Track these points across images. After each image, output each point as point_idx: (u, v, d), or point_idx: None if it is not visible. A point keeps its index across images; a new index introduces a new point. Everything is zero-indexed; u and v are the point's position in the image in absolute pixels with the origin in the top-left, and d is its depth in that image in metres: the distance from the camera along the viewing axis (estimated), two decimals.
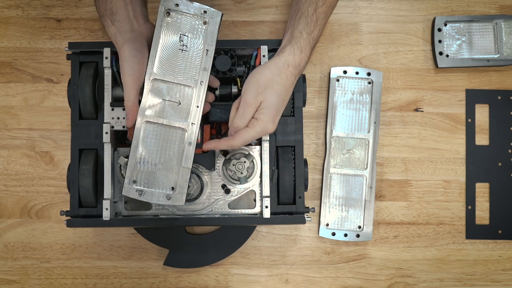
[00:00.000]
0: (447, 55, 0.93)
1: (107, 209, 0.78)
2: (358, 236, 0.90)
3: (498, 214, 0.92)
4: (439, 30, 0.93)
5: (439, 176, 0.93)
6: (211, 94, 0.80)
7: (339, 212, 0.91)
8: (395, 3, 0.95)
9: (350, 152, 0.91)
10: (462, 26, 0.93)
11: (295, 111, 0.82)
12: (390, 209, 0.92)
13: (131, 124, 0.75)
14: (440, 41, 0.93)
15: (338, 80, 0.92)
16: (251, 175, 0.82)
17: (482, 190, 0.93)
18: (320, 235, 0.91)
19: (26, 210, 0.91)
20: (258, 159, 0.82)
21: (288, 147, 0.82)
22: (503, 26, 0.93)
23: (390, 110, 0.93)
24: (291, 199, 0.82)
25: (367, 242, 0.91)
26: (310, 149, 0.92)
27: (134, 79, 0.73)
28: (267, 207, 0.80)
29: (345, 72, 0.92)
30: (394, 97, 0.93)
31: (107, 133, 0.79)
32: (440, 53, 0.93)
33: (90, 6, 0.93)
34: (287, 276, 0.91)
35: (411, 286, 0.91)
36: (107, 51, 0.80)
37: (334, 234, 0.90)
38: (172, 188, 0.75)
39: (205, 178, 0.82)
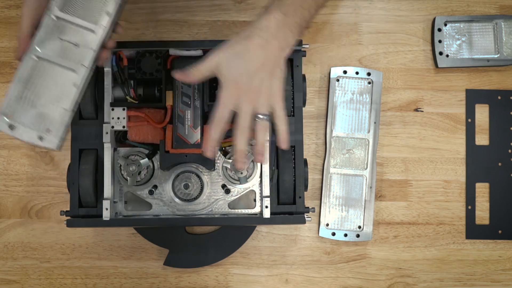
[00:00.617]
0: (447, 55, 0.93)
1: (107, 209, 0.78)
2: (358, 236, 0.90)
3: (498, 214, 0.92)
4: (439, 30, 0.93)
5: (439, 176, 0.93)
6: (112, 40, 0.75)
7: (339, 212, 0.91)
8: (395, 3, 0.95)
9: (350, 152, 0.91)
10: (462, 26, 0.93)
11: (295, 111, 0.82)
12: (390, 209, 0.92)
13: (19, 56, 0.70)
14: (440, 41, 0.93)
15: (338, 80, 0.92)
16: (251, 175, 0.82)
17: (482, 190, 0.93)
18: (320, 235, 0.91)
19: (26, 210, 0.91)
20: None
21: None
22: (503, 26, 0.93)
23: (390, 110, 0.93)
24: (291, 199, 0.82)
25: (367, 242, 0.91)
26: (310, 149, 0.92)
27: (32, 12, 0.70)
28: (267, 207, 0.80)
29: (345, 72, 0.92)
30: (394, 97, 0.93)
31: (107, 133, 0.79)
32: (440, 53, 0.93)
33: None
34: (287, 276, 0.91)
35: (411, 286, 0.91)
36: None
37: (334, 234, 0.90)
38: (48, 130, 0.70)
39: (205, 178, 0.82)
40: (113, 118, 0.79)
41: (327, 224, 0.91)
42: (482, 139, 0.93)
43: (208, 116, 0.80)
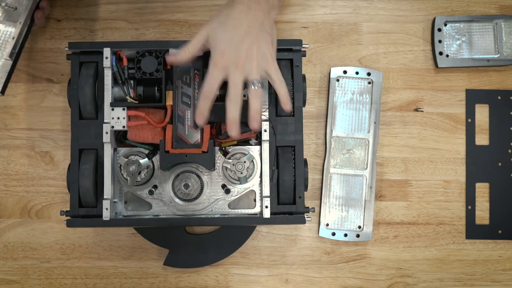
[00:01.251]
0: (447, 55, 0.93)
1: (107, 209, 0.78)
2: (358, 236, 0.90)
3: (498, 214, 0.92)
4: (439, 30, 0.93)
5: (439, 176, 0.93)
6: (45, 1, 0.84)
7: (339, 212, 0.91)
8: (395, 3, 0.95)
9: (350, 152, 0.91)
10: (462, 26, 0.93)
11: (295, 111, 0.82)
12: (390, 209, 0.92)
13: None
14: (440, 41, 0.93)
15: (338, 80, 0.92)
16: (251, 175, 0.82)
17: (482, 190, 0.93)
18: (320, 235, 0.91)
19: (26, 210, 0.91)
20: (258, 159, 0.82)
21: (288, 147, 0.82)
22: (503, 26, 0.93)
23: (390, 110, 0.93)
24: (291, 199, 0.82)
25: (367, 242, 0.91)
26: (310, 149, 0.92)
27: None
28: (267, 207, 0.80)
29: (345, 72, 0.92)
30: (394, 97, 0.93)
31: (107, 133, 0.79)
32: (440, 53, 0.93)
33: (90, 6, 0.93)
34: (287, 276, 0.91)
35: (411, 286, 0.91)
36: (107, 51, 0.79)
37: (334, 234, 0.90)
38: None
39: (205, 178, 0.82)
40: (113, 118, 0.79)
41: (327, 224, 0.91)
42: (482, 139, 0.93)
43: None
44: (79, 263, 0.90)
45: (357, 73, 0.92)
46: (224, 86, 0.81)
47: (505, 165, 0.93)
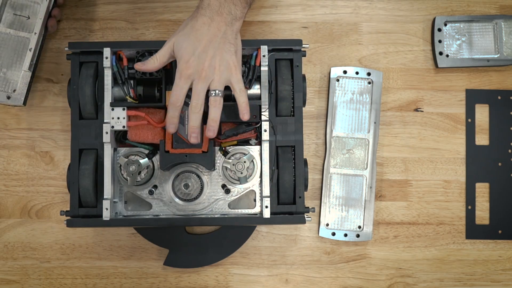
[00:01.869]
0: (447, 55, 0.93)
1: (107, 209, 0.78)
2: (358, 236, 0.90)
3: (498, 214, 0.92)
4: (439, 30, 0.93)
5: (439, 176, 0.93)
6: (57, 9, 0.86)
7: (339, 212, 0.91)
8: (395, 3, 0.95)
9: (350, 152, 0.91)
10: (462, 26, 0.93)
11: (295, 111, 0.82)
12: (390, 209, 0.92)
13: None
14: (440, 41, 0.93)
15: (338, 80, 0.92)
16: (251, 175, 0.82)
17: (482, 190, 0.93)
18: (320, 235, 0.91)
19: (26, 210, 0.91)
20: (258, 159, 0.82)
21: (288, 147, 0.82)
22: (503, 26, 0.93)
23: (390, 110, 0.93)
24: (291, 199, 0.82)
25: (367, 242, 0.91)
26: (310, 149, 0.92)
27: None
28: (267, 207, 0.80)
29: (345, 72, 0.92)
30: (394, 97, 0.93)
31: (107, 133, 0.79)
32: (440, 53, 0.93)
33: (90, 6, 0.93)
34: (287, 276, 0.91)
35: (411, 286, 0.91)
36: (107, 51, 0.80)
37: (334, 234, 0.90)
38: (14, 90, 0.84)
39: (205, 178, 0.82)
40: (113, 118, 0.79)
41: (327, 224, 0.91)
42: (482, 139, 0.93)
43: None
44: (79, 263, 0.90)
45: (357, 73, 0.92)
46: (228, 88, 0.81)
47: (505, 165, 0.93)
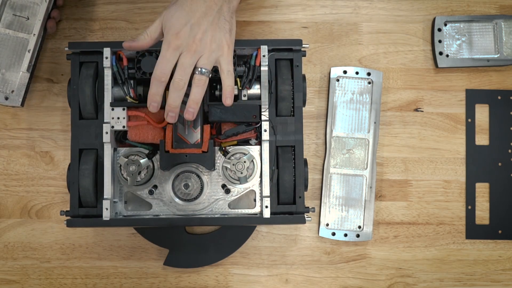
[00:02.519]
0: (447, 55, 0.93)
1: (107, 209, 0.78)
2: (358, 236, 0.90)
3: (498, 214, 0.92)
4: (439, 30, 0.93)
5: (439, 176, 0.93)
6: (56, 10, 0.86)
7: (339, 212, 0.91)
8: (395, 3, 0.95)
9: (350, 152, 0.91)
10: (462, 26, 0.93)
11: (295, 111, 0.82)
12: (390, 209, 0.92)
13: None
14: (440, 41, 0.93)
15: (338, 80, 0.92)
16: (251, 175, 0.82)
17: (482, 190, 0.93)
18: (320, 235, 0.91)
19: (26, 210, 0.91)
20: (258, 159, 0.82)
21: (288, 147, 0.82)
22: (503, 26, 0.93)
23: (390, 110, 0.93)
24: (291, 199, 0.82)
25: (367, 242, 0.91)
26: (310, 149, 0.92)
27: None
28: (267, 207, 0.80)
29: (345, 72, 0.92)
30: (394, 97, 0.93)
31: (107, 133, 0.79)
32: (440, 53, 0.93)
33: (90, 6, 0.93)
34: (287, 276, 0.91)
35: (411, 286, 0.91)
36: (107, 51, 0.80)
37: (334, 234, 0.90)
38: (12, 91, 0.84)
39: (205, 178, 0.82)
40: (113, 118, 0.79)
41: (327, 224, 0.91)
42: (482, 139, 0.93)
43: (208, 116, 0.80)
44: (79, 263, 0.90)
45: (357, 73, 0.92)
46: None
47: (505, 165, 0.93)
